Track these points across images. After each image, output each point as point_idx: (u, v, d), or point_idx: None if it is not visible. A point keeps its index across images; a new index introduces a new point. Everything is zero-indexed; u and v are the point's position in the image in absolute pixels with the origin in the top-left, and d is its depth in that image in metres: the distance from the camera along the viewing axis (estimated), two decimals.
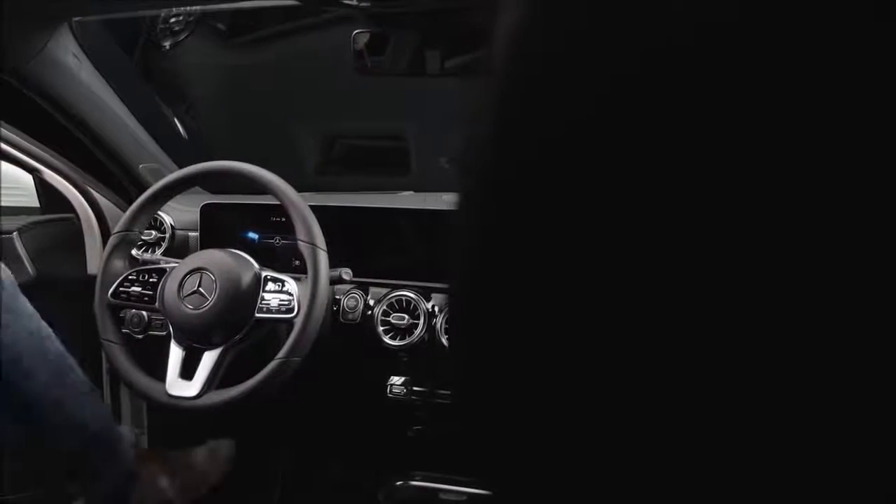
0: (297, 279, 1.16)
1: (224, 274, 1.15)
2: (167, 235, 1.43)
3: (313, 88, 1.60)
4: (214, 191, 1.51)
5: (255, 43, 1.60)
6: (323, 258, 1.13)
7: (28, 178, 1.49)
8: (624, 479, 0.19)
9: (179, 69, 1.61)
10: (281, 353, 1.10)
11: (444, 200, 1.43)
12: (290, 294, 1.14)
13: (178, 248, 1.43)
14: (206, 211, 1.40)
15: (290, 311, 1.13)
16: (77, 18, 1.20)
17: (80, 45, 1.24)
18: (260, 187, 1.18)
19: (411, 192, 1.55)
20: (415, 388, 1.27)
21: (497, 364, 0.21)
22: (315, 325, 1.11)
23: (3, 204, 1.42)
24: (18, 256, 1.34)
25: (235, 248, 1.22)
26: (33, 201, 1.53)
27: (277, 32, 1.57)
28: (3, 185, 1.41)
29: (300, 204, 1.15)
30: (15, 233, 1.36)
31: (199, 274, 1.16)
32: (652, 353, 0.18)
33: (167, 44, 1.57)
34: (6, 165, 1.39)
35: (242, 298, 1.14)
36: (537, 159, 0.19)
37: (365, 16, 1.07)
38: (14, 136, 1.33)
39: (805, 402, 0.17)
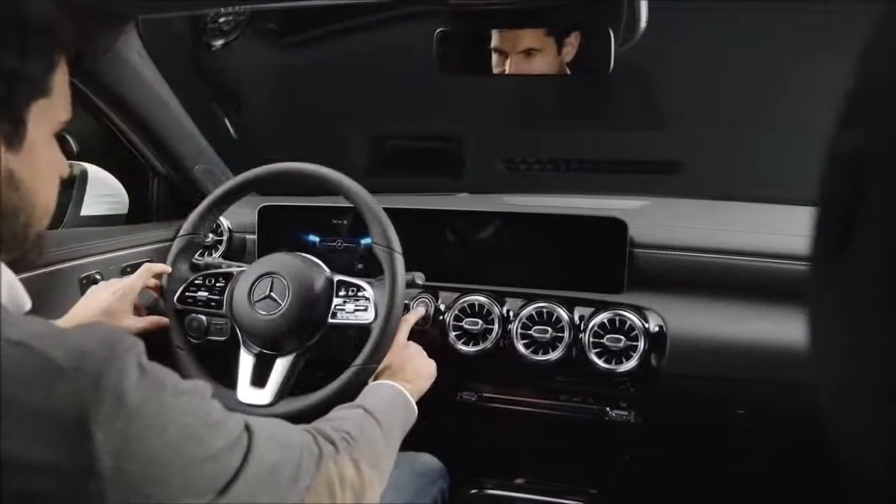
0: (370, 283, 1.13)
1: (296, 278, 1.11)
2: (224, 238, 1.40)
3: (365, 89, 1.57)
4: (265, 193, 1.48)
5: (307, 43, 1.57)
6: (400, 262, 1.10)
7: (116, 183, 1.45)
8: None
9: (229, 69, 1.58)
10: (359, 360, 1.07)
11: (506, 203, 1.40)
12: (367, 299, 1.11)
13: (236, 251, 1.40)
14: (264, 213, 1.37)
15: (367, 316, 1.10)
16: (143, 17, 1.17)
17: (144, 44, 1.21)
18: (332, 189, 1.15)
19: (467, 194, 1.53)
20: (485, 395, 1.25)
21: None
22: (393, 331, 1.08)
23: (94, 213, 1.37)
24: None
25: (294, 251, 1.19)
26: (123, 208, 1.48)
27: (329, 32, 1.54)
28: (93, 192, 1.36)
29: (375, 207, 1.12)
30: None
31: (269, 278, 1.12)
32: None
33: (218, 44, 1.54)
34: (94, 170, 1.35)
35: (316, 303, 1.11)
36: None
37: (448, 14, 1.05)
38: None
39: None
